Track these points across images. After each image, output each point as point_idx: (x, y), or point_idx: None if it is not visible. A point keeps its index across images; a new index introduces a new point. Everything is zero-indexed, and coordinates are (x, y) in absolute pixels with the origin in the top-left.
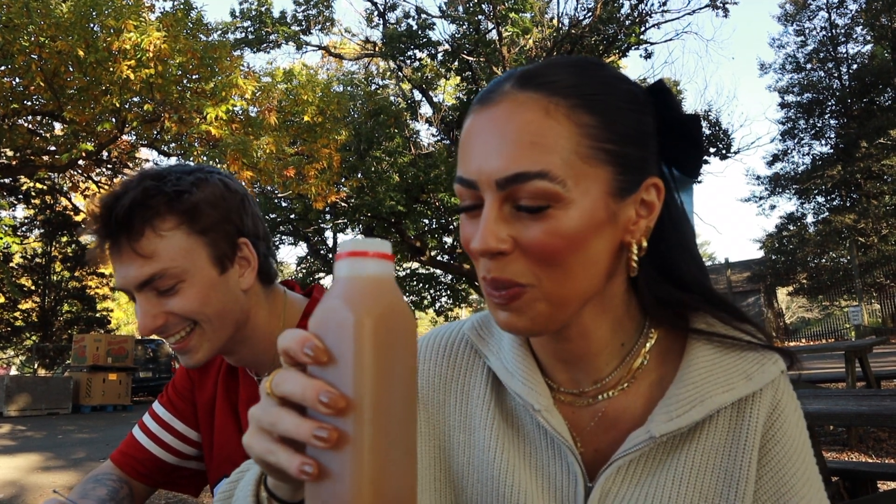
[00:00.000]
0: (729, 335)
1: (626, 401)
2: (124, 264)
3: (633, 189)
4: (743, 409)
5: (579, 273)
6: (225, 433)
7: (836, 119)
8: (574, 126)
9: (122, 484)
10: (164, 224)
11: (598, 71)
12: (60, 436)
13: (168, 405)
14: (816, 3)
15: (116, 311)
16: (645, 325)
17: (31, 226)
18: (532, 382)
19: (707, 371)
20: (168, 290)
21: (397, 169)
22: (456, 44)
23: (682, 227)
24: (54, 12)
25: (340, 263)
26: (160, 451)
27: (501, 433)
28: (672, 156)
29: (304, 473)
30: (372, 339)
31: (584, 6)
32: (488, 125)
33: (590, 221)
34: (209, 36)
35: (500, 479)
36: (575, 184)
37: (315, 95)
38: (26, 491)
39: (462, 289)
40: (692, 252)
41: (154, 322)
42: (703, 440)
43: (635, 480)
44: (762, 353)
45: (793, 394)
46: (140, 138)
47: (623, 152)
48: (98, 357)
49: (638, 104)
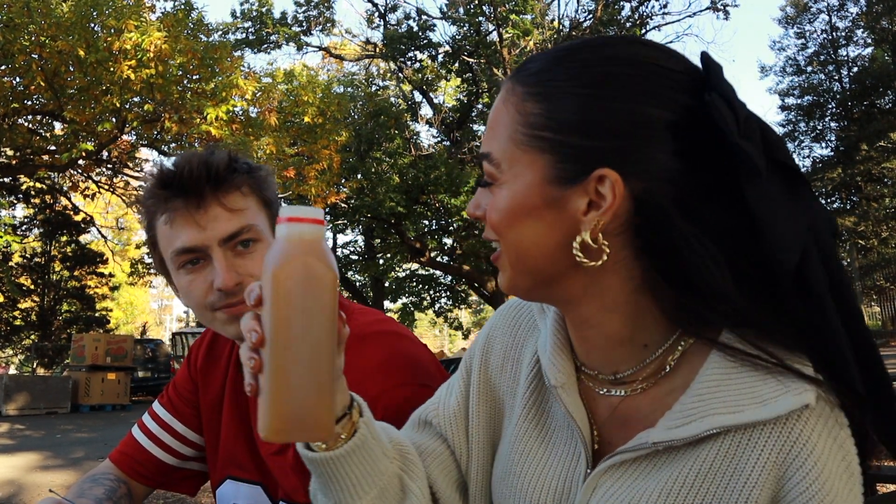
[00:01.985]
0: (750, 353)
1: (642, 402)
2: (210, 219)
3: (577, 178)
4: (752, 437)
5: (524, 249)
6: (230, 434)
7: (837, 122)
8: (517, 114)
9: (120, 483)
10: (245, 187)
11: (579, 58)
12: (59, 435)
13: (168, 406)
14: (817, 5)
15: (116, 310)
16: (676, 333)
17: (30, 225)
18: (556, 359)
19: (716, 386)
20: (245, 248)
21: (397, 170)
22: (456, 45)
23: (694, 232)
24: (55, 12)
25: (276, 227)
26: (159, 452)
27: (532, 402)
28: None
29: (248, 390)
30: (278, 288)
31: (584, 8)
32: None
33: (522, 203)
34: (210, 36)
35: (517, 446)
36: (508, 167)
37: (315, 96)
38: (25, 490)
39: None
40: (714, 258)
41: (235, 278)
42: (701, 459)
43: (627, 481)
44: (789, 379)
45: (839, 439)
46: (140, 138)
47: (563, 141)
48: (97, 357)
49: (629, 93)
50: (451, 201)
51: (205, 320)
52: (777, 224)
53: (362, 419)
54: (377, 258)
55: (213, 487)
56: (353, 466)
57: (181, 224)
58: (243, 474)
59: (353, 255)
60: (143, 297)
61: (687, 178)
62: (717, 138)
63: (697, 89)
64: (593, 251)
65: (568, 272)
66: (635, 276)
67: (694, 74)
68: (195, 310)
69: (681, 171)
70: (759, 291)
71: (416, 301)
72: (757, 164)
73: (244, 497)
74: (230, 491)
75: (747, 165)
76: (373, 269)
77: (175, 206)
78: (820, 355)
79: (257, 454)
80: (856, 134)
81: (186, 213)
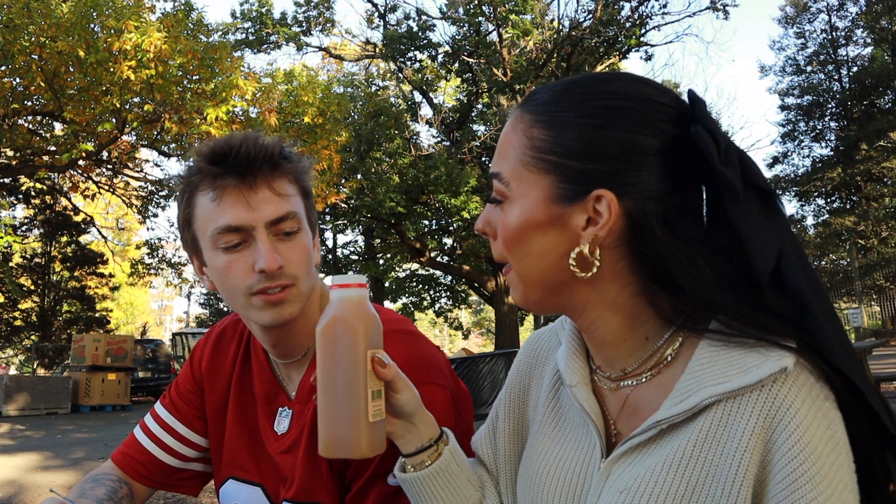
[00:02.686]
0: (735, 332)
1: (647, 391)
2: (259, 200)
3: (577, 197)
4: (741, 405)
5: (530, 262)
6: (233, 435)
7: (836, 121)
8: (525, 138)
9: (122, 484)
10: (290, 175)
11: (580, 91)
12: (59, 435)
13: (170, 407)
14: (816, 5)
15: (116, 311)
16: (675, 326)
17: (30, 226)
18: (571, 361)
19: (708, 363)
20: (288, 235)
21: (397, 170)
22: (456, 45)
23: (676, 243)
24: (55, 12)
25: (330, 291)
26: (161, 453)
27: (551, 406)
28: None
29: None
30: (320, 342)
31: (584, 8)
32: None
33: (529, 219)
34: (210, 37)
35: (536, 446)
36: (517, 185)
37: (315, 96)
38: (25, 490)
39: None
40: (695, 264)
41: (278, 261)
42: (697, 431)
43: (636, 462)
44: (770, 350)
45: (822, 409)
46: (140, 139)
47: (565, 164)
48: (97, 357)
49: (625, 123)
50: (451, 201)
51: (237, 305)
52: (755, 237)
53: (448, 447)
54: (377, 258)
55: (216, 486)
56: (438, 488)
57: (231, 202)
58: (244, 475)
59: (353, 255)
60: (143, 298)
61: (672, 197)
62: (700, 164)
63: (684, 121)
64: (587, 263)
65: (571, 282)
66: (631, 283)
67: (681, 108)
68: (230, 293)
69: (666, 192)
70: (742, 290)
71: (416, 301)
72: (736, 188)
73: (245, 497)
74: (232, 491)
75: (728, 188)
76: (373, 270)
77: (226, 183)
78: (804, 336)
79: (258, 455)
80: (855, 133)
81: (237, 192)
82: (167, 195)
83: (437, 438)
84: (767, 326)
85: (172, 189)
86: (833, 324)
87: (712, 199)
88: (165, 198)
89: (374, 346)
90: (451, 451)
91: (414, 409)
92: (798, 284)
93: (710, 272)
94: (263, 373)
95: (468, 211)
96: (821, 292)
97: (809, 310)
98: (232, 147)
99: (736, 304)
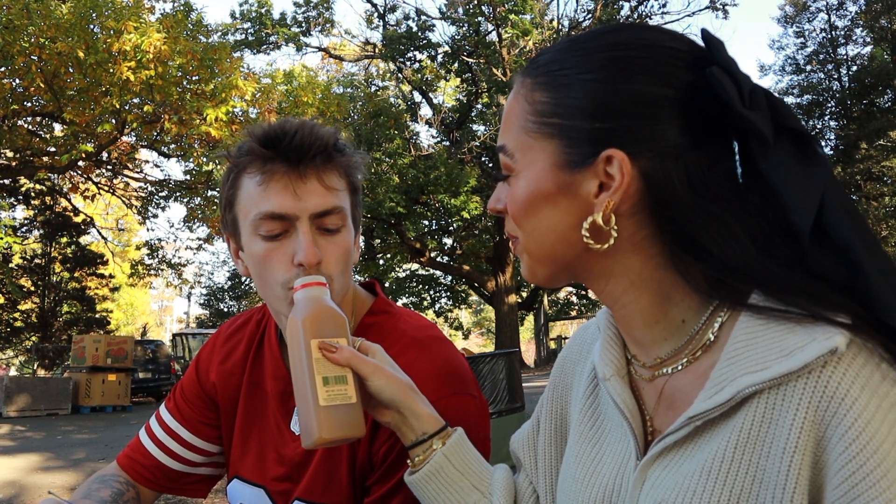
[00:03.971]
0: (777, 308)
1: (684, 380)
2: (307, 191)
3: (585, 161)
4: (785, 396)
5: (541, 236)
6: (242, 435)
7: (836, 121)
8: (526, 104)
9: (129, 487)
10: (342, 169)
11: (583, 46)
12: (60, 436)
13: (175, 412)
14: (816, 4)
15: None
16: (712, 306)
17: (30, 227)
18: (606, 352)
19: (744, 346)
20: (330, 232)
21: (397, 170)
22: (456, 45)
23: (703, 203)
24: (54, 14)
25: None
26: (167, 459)
27: (588, 405)
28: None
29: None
30: (288, 332)
31: (584, 8)
32: None
33: (536, 190)
34: (209, 37)
35: (573, 450)
36: (522, 156)
37: (315, 97)
38: (26, 491)
39: (462, 290)
40: (726, 226)
41: (318, 256)
42: (738, 429)
43: (673, 467)
44: (817, 329)
45: (889, 396)
46: (140, 139)
47: (570, 126)
48: (97, 358)
49: (633, 74)
50: (450, 201)
51: (272, 298)
52: (791, 188)
53: (443, 448)
54: (377, 258)
55: (227, 483)
56: (435, 493)
57: (277, 188)
58: (248, 476)
59: None
60: (143, 299)
61: (695, 153)
62: (723, 111)
63: (700, 66)
64: (602, 233)
65: (587, 256)
66: (657, 254)
67: (697, 52)
68: (265, 283)
69: (688, 147)
70: (783, 252)
71: (416, 301)
72: (764, 132)
73: (249, 498)
74: (237, 490)
75: (755, 134)
76: (373, 270)
77: (275, 168)
78: (857, 304)
79: (266, 456)
80: (855, 133)
81: (285, 178)
82: (167, 195)
83: (433, 434)
84: (815, 295)
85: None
86: (892, 282)
87: (744, 153)
88: (165, 198)
89: (323, 335)
90: (446, 454)
91: (395, 397)
92: (845, 239)
93: (744, 234)
94: (279, 370)
95: (468, 211)
96: (875, 247)
97: (861, 268)
98: (287, 132)
99: (777, 270)
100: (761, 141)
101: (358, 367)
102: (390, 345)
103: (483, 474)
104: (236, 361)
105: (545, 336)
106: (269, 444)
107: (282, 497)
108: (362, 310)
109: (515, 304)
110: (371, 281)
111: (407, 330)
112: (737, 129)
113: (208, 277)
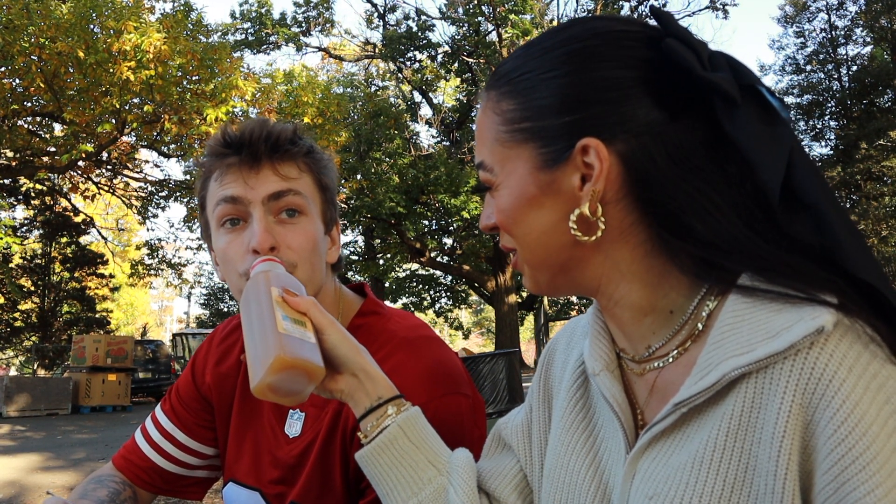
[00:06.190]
0: (766, 289)
1: (675, 371)
2: (260, 180)
3: (562, 156)
4: (772, 379)
5: (533, 241)
6: (237, 437)
7: (836, 120)
8: (495, 115)
9: (126, 487)
10: (300, 164)
11: (539, 47)
12: (60, 436)
13: (170, 413)
14: (816, 4)
15: (116, 311)
16: (700, 293)
17: (30, 226)
18: (594, 347)
19: (730, 329)
20: (289, 217)
21: (397, 170)
22: (456, 45)
23: (684, 176)
24: (54, 14)
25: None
26: (162, 461)
27: (577, 397)
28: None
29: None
30: (245, 289)
31: (583, 8)
32: None
33: (520, 198)
34: (209, 37)
35: (562, 439)
36: (501, 167)
37: (315, 97)
38: (26, 491)
39: (462, 290)
40: (709, 199)
41: (270, 241)
42: (728, 416)
43: (661, 458)
44: (805, 309)
45: (879, 377)
46: (140, 139)
47: (541, 126)
48: (97, 358)
49: (591, 63)
50: (451, 201)
51: (235, 292)
52: (759, 148)
53: (398, 418)
54: (377, 258)
55: (222, 485)
56: (388, 467)
57: (231, 179)
58: (243, 479)
59: (353, 255)
60: (143, 299)
61: (672, 126)
62: (687, 80)
63: (657, 42)
64: (590, 224)
65: (579, 253)
66: (645, 240)
67: (650, 31)
68: (228, 277)
69: (663, 122)
70: (765, 227)
71: (416, 301)
72: (730, 91)
73: (245, 502)
74: (232, 494)
75: (721, 96)
76: (373, 270)
77: (230, 162)
78: (840, 275)
79: (260, 459)
80: (855, 132)
81: (238, 171)
82: (167, 195)
83: (388, 399)
84: (802, 273)
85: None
86: (860, 242)
87: (711, 118)
88: (165, 198)
89: (283, 286)
90: (400, 426)
91: (349, 354)
92: (814, 196)
93: (729, 207)
94: None
95: (468, 211)
96: (840, 207)
97: (830, 226)
98: (243, 131)
99: (764, 247)
100: (729, 101)
101: (316, 317)
102: (380, 346)
103: (440, 451)
104: (231, 363)
105: (545, 336)
106: (264, 446)
107: (277, 500)
108: (351, 311)
109: (515, 303)
110: (360, 283)
111: (397, 331)
112: (704, 95)
113: (208, 277)
